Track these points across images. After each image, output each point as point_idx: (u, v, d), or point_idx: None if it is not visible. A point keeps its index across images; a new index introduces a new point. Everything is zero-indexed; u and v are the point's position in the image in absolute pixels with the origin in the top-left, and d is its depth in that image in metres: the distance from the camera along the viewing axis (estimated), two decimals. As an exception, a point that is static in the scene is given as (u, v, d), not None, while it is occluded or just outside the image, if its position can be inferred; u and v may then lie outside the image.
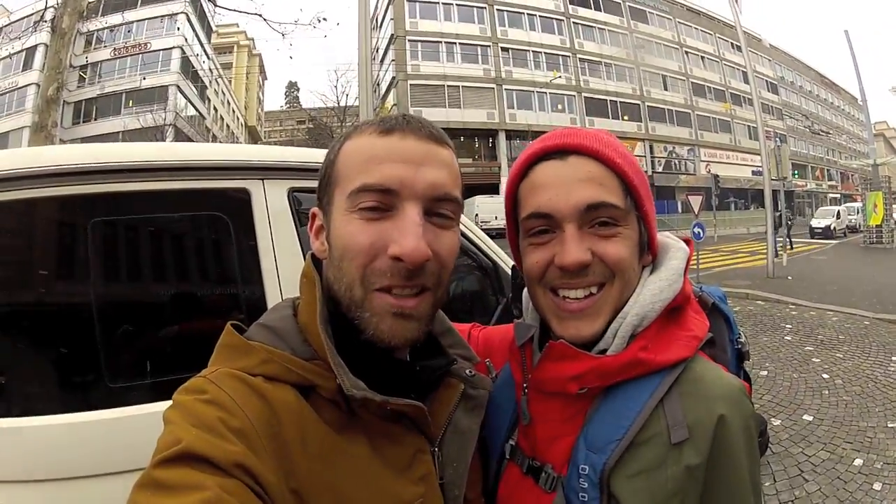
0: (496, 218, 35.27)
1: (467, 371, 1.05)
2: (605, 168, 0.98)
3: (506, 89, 45.67)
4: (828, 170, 71.83)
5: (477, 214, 33.61)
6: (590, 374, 0.95)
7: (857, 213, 38.64)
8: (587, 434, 0.95)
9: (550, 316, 1.03)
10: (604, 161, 0.98)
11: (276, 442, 0.78)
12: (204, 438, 0.71)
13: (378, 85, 46.74)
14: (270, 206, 2.21)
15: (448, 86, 44.10)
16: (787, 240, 24.69)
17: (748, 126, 54.12)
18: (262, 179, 2.23)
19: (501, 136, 44.90)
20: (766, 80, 61.78)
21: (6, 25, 37.33)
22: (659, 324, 0.99)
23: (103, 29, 36.88)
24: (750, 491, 0.91)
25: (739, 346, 1.20)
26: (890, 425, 5.73)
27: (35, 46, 36.26)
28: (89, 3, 10.30)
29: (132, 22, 40.92)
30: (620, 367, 0.94)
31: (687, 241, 1.13)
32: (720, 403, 0.91)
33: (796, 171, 45.92)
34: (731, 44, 56.35)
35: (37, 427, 1.82)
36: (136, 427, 1.79)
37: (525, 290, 1.17)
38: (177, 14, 45.07)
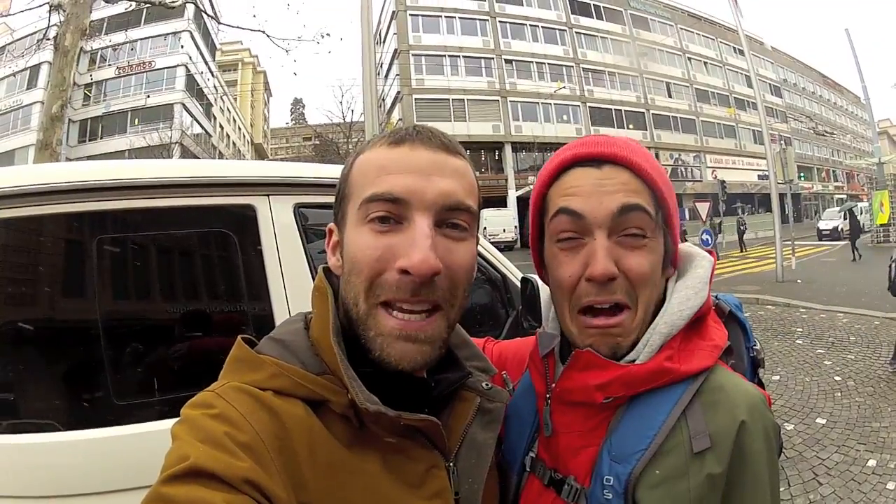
0: (504, 231, 35.28)
1: (484, 384, 1.04)
2: (638, 179, 0.98)
3: (510, 101, 45.53)
4: (833, 171, 71.52)
5: (485, 228, 33.44)
6: (615, 382, 0.95)
7: (863, 212, 38.49)
8: (611, 444, 0.95)
9: (579, 339, 1.02)
10: (637, 172, 0.98)
11: (284, 456, 0.77)
12: (211, 454, 0.71)
13: (383, 100, 46.86)
14: (276, 222, 2.21)
15: (453, 99, 44.12)
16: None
17: (753, 130, 54.03)
18: (268, 195, 2.23)
19: (507, 149, 44.79)
20: (770, 83, 61.67)
21: (10, 43, 37.58)
22: (682, 333, 0.99)
23: (107, 47, 37.11)
24: (769, 499, 0.91)
25: (754, 354, 1.20)
26: (902, 424, 5.70)
27: (39, 65, 36.56)
28: (92, 21, 10.35)
29: (136, 40, 41.08)
30: (646, 375, 0.94)
31: (710, 253, 1.13)
32: (741, 411, 0.91)
33: (802, 174, 45.77)
34: (734, 48, 56.14)
35: (43, 444, 1.82)
36: (143, 445, 1.80)
37: (545, 299, 1.17)
38: (180, 32, 45.33)
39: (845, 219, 27.43)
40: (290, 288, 2.16)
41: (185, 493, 0.67)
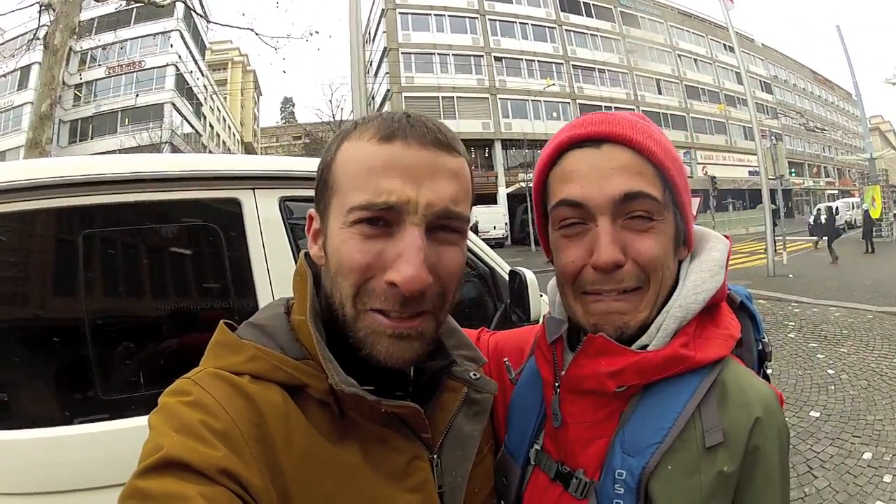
0: (494, 228, 35.46)
1: (471, 374, 1.00)
2: (640, 157, 0.93)
3: (500, 98, 45.59)
4: (824, 166, 72.06)
5: (476, 223, 33.52)
6: (629, 369, 0.90)
7: (854, 208, 38.68)
8: (624, 437, 0.91)
9: (584, 319, 0.97)
10: (639, 150, 0.93)
11: (261, 444, 0.76)
12: (186, 444, 0.70)
13: (373, 98, 46.87)
14: (262, 216, 2.20)
15: (443, 97, 44.09)
16: None
17: (743, 126, 54.34)
18: (253, 189, 2.22)
19: (497, 146, 44.88)
20: (760, 80, 62.05)
21: (0, 44, 37.45)
22: (697, 320, 0.95)
23: (97, 48, 37.11)
24: (779, 500, 0.88)
25: (762, 347, 1.13)
26: (899, 416, 5.70)
27: (30, 66, 36.49)
28: (82, 21, 10.40)
29: (126, 40, 41.07)
30: (662, 362, 0.90)
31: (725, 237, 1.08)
32: (757, 408, 0.88)
33: (793, 170, 46.02)
34: (724, 45, 56.47)
35: (30, 440, 1.81)
36: (129, 439, 1.78)
37: (551, 284, 1.12)
38: (170, 31, 45.27)
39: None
40: (276, 281, 2.15)
41: (160, 486, 0.66)
